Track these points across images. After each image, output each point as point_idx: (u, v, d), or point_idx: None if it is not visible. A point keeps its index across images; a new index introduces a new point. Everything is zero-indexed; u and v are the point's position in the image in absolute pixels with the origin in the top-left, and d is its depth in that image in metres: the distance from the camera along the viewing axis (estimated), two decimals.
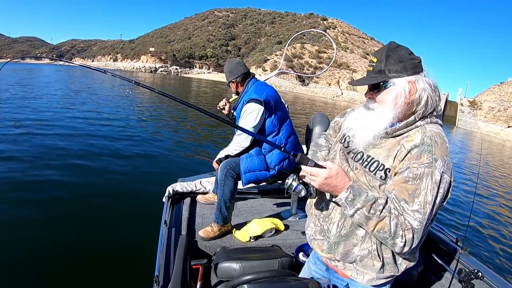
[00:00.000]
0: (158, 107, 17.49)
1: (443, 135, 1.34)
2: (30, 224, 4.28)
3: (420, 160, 1.27)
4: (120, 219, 4.71)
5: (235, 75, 3.10)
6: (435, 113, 1.41)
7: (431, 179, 1.24)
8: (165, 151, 8.65)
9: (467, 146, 25.48)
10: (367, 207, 1.28)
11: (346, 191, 1.32)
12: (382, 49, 1.40)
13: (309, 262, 1.83)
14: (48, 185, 5.58)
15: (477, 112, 56.02)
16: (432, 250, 2.68)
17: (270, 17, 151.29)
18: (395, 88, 1.35)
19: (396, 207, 1.27)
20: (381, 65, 1.37)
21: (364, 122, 1.45)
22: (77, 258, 3.75)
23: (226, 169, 2.90)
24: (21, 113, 11.70)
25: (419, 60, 1.38)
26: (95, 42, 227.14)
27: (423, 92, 1.35)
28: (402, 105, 1.35)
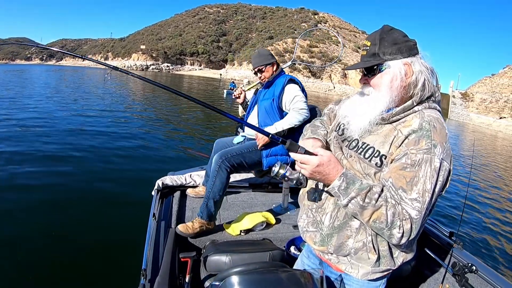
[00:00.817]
0: (148, 102, 17.41)
1: (442, 121, 1.28)
2: (14, 216, 4.25)
3: (419, 146, 1.20)
4: (107, 212, 4.63)
5: (274, 59, 3.20)
6: (433, 98, 1.35)
7: (430, 165, 1.17)
8: (155, 145, 8.58)
9: (460, 138, 25.60)
10: (361, 195, 1.20)
11: (339, 179, 1.23)
12: (375, 33, 1.35)
13: (302, 256, 1.77)
14: (36, 178, 5.52)
15: (469, 104, 56.49)
16: (425, 244, 2.64)
17: (261, 12, 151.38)
18: (391, 70, 1.29)
19: (393, 196, 1.20)
20: (375, 48, 1.31)
21: (359, 108, 1.39)
22: (63, 252, 3.67)
23: (221, 160, 2.83)
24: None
25: (414, 42, 1.33)
26: (85, 41, 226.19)
27: (420, 75, 1.28)
28: (398, 88, 1.29)
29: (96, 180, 5.74)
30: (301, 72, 78.82)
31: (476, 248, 5.26)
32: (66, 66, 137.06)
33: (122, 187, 5.57)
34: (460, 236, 4.94)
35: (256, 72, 3.19)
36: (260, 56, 3.17)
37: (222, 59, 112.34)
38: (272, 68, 3.15)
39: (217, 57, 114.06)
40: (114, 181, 5.79)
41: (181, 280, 2.22)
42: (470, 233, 5.84)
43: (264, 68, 3.14)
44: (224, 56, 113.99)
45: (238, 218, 2.95)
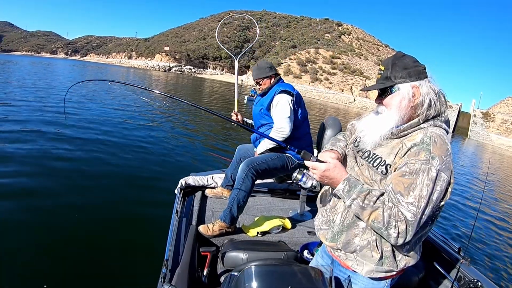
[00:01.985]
0: (173, 108, 17.63)
1: (444, 138, 1.40)
2: (50, 211, 4.44)
3: (418, 157, 1.34)
4: (135, 207, 4.88)
5: (274, 71, 3.36)
6: (441, 118, 1.50)
7: (428, 175, 1.30)
8: (179, 147, 8.79)
9: (477, 158, 25.21)
10: (361, 197, 1.39)
11: (343, 183, 1.46)
12: (389, 58, 1.54)
13: (317, 256, 1.93)
14: (73, 175, 5.77)
15: (489, 124, 55.40)
16: (434, 258, 2.72)
17: (285, 20, 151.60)
18: (400, 92, 1.47)
19: (391, 199, 1.35)
20: (387, 72, 1.50)
21: (373, 125, 1.57)
22: (94, 241, 3.95)
23: (248, 168, 2.97)
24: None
25: (424, 67, 1.50)
26: (110, 39, 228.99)
27: (426, 96, 1.45)
28: (406, 107, 1.46)
29: (126, 177, 6.05)
30: (323, 83, 78.58)
31: (483, 265, 5.27)
32: (90, 62, 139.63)
33: (148, 185, 5.85)
34: (469, 253, 4.97)
35: (257, 83, 3.41)
36: (259, 69, 3.36)
37: (244, 65, 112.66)
38: (270, 80, 3.34)
39: (240, 63, 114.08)
40: (141, 179, 6.07)
41: (199, 273, 2.39)
42: (479, 250, 5.85)
43: (261, 81, 3.35)
44: (246, 62, 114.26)
45: (256, 220, 3.08)
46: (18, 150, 6.54)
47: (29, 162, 6.01)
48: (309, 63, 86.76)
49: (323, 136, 3.30)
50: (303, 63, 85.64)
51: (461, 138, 47.28)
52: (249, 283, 1.53)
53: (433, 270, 2.66)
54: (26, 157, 6.25)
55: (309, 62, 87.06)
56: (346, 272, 1.64)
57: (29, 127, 8.39)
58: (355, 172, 1.59)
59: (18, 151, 6.52)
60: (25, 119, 9.20)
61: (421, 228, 1.42)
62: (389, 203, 1.35)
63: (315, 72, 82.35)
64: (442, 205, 1.41)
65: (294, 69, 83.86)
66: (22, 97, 12.83)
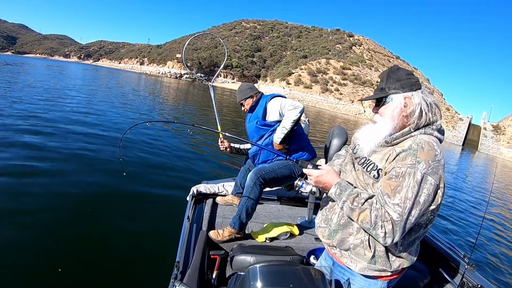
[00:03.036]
0: (183, 112, 17.80)
1: (433, 144, 1.50)
2: (65, 213, 4.59)
3: (405, 161, 1.46)
4: (149, 212, 5.02)
5: (255, 91, 3.59)
6: (432, 126, 1.61)
7: (413, 178, 1.40)
8: (191, 155, 8.89)
9: (486, 171, 25.03)
10: (350, 199, 1.53)
11: (334, 187, 1.64)
12: (385, 71, 1.70)
13: (321, 258, 2.05)
14: (87, 179, 5.92)
15: (500, 137, 54.84)
16: (439, 263, 2.80)
17: (297, 30, 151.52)
18: (393, 102, 1.62)
19: (379, 201, 1.46)
20: (383, 84, 1.67)
21: (369, 133, 1.70)
22: (109, 243, 4.12)
23: (256, 177, 3.09)
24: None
25: (417, 79, 1.65)
26: (123, 44, 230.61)
27: (417, 106, 1.58)
28: (398, 116, 1.60)
29: (140, 184, 6.15)
30: (333, 94, 78.42)
31: (488, 271, 5.30)
32: (102, 66, 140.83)
33: (161, 191, 5.98)
34: (474, 259, 4.99)
35: (241, 105, 3.62)
36: (240, 92, 3.60)
37: (255, 74, 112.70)
38: (252, 99, 3.55)
39: (251, 72, 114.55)
40: (156, 186, 6.19)
41: (209, 275, 2.51)
42: (484, 256, 5.88)
43: (244, 102, 3.58)
44: (257, 72, 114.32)
45: (265, 227, 3.18)
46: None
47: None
48: (319, 73, 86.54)
49: (330, 145, 3.40)
50: (313, 74, 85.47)
51: (471, 151, 46.84)
52: (254, 281, 1.66)
53: (438, 276, 2.73)
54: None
55: (320, 73, 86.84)
56: (345, 273, 1.75)
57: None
58: (352, 177, 1.75)
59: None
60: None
61: (413, 231, 1.54)
62: (377, 204, 1.47)
63: (326, 83, 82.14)
64: (434, 208, 1.49)
65: (304, 79, 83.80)
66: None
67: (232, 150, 3.82)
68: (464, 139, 56.88)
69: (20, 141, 7.36)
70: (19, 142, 7.27)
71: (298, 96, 76.62)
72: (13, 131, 8.16)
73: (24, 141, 7.44)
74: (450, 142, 55.59)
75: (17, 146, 6.99)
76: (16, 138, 7.59)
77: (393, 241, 1.45)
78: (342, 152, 2.11)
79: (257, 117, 3.41)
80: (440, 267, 2.77)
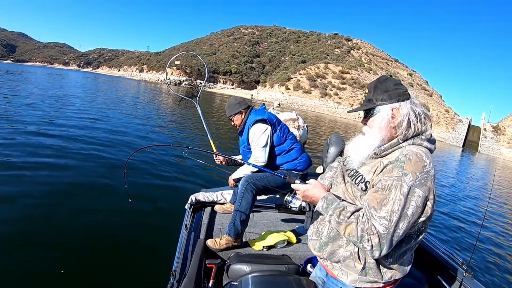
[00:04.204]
0: (184, 120, 17.83)
1: (421, 155, 1.46)
2: (62, 221, 4.57)
3: (391, 173, 1.44)
4: (146, 220, 5.00)
5: (244, 106, 3.47)
6: (421, 137, 1.58)
7: (400, 190, 1.38)
8: (191, 162, 8.86)
9: (486, 173, 24.96)
10: (336, 213, 1.52)
11: (321, 201, 1.63)
12: (373, 82, 1.66)
13: (316, 268, 2.02)
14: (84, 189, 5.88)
15: (500, 138, 54.85)
16: (437, 271, 2.77)
17: (295, 36, 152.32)
18: (380, 114, 1.59)
19: (366, 214, 1.44)
20: (370, 95, 1.63)
21: (359, 145, 1.67)
22: (104, 251, 4.08)
23: (247, 183, 3.07)
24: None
25: (405, 89, 1.62)
26: (122, 52, 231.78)
27: (404, 117, 1.55)
28: (385, 128, 1.58)
29: (139, 191, 6.14)
30: (332, 98, 78.64)
31: (487, 279, 5.26)
32: (102, 74, 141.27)
33: (160, 199, 5.97)
34: (472, 266, 4.97)
35: (230, 120, 3.54)
36: (229, 106, 3.50)
37: (254, 80, 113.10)
38: (241, 116, 3.46)
39: (250, 78, 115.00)
40: (153, 194, 6.18)
41: (205, 284, 2.49)
42: (482, 263, 5.85)
43: (233, 118, 3.49)
44: (256, 77, 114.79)
45: (262, 235, 3.17)
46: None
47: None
48: (318, 78, 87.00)
49: (327, 153, 3.39)
50: (312, 78, 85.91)
51: (471, 153, 46.82)
52: None
53: (436, 284, 2.70)
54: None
55: (319, 77, 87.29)
56: (337, 284, 1.72)
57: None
58: (341, 189, 1.73)
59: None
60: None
61: (404, 242, 1.52)
62: (363, 217, 1.45)
63: (325, 87, 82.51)
64: (425, 220, 1.46)
65: (303, 84, 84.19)
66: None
67: (228, 163, 3.76)
68: (464, 141, 56.94)
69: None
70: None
71: (298, 101, 76.93)
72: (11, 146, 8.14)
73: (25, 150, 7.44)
74: (450, 143, 55.60)
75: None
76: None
77: (381, 254, 1.42)
78: (335, 164, 2.10)
79: (244, 142, 3.42)
80: (438, 275, 2.74)
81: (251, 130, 3.26)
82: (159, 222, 4.96)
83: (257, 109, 3.55)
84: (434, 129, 59.28)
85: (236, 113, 3.45)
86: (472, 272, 2.57)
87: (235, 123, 3.51)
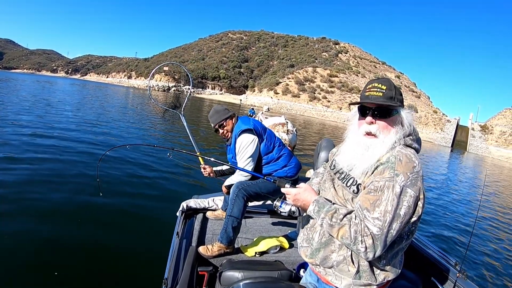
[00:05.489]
0: (177, 128, 17.73)
1: (411, 156, 1.49)
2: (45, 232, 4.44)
3: (383, 175, 1.44)
4: (138, 228, 4.94)
5: (227, 114, 3.35)
6: (411, 137, 1.60)
7: (392, 191, 1.38)
8: (183, 170, 8.79)
9: (476, 172, 25.25)
10: (329, 216, 1.50)
11: (313, 204, 1.60)
12: (386, 80, 1.60)
13: (306, 274, 2.00)
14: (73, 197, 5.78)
15: (488, 137, 55.64)
16: (430, 272, 2.76)
17: (283, 40, 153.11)
18: (400, 116, 1.58)
19: (358, 215, 1.43)
20: (392, 93, 1.55)
21: (367, 150, 1.56)
22: (94, 260, 3.99)
23: (238, 189, 3.05)
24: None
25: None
26: (110, 58, 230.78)
27: (409, 121, 1.58)
28: (400, 131, 1.55)
29: (129, 199, 6.09)
30: (321, 101, 79.01)
31: (480, 279, 5.28)
32: (90, 81, 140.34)
33: (151, 207, 5.90)
34: (465, 266, 4.98)
35: (217, 129, 3.40)
36: (214, 114, 3.37)
37: (243, 85, 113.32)
38: (232, 120, 3.36)
39: (238, 83, 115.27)
40: (145, 201, 6.14)
41: None
42: (475, 263, 5.88)
43: (219, 126, 3.36)
44: (245, 82, 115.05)
45: (254, 241, 3.14)
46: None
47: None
48: (307, 82, 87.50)
49: (318, 158, 3.37)
50: (301, 82, 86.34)
51: (460, 152, 47.27)
52: None
53: (430, 285, 2.70)
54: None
55: (307, 81, 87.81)
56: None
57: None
58: (331, 193, 1.70)
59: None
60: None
61: (396, 243, 1.51)
62: (356, 219, 1.44)
63: (313, 91, 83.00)
64: (416, 220, 1.46)
65: (292, 88, 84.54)
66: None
67: (216, 174, 3.67)
68: (453, 141, 57.59)
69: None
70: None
71: (286, 105, 77.12)
72: None
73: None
74: (439, 144, 56.09)
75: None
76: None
77: (375, 256, 1.41)
78: (320, 170, 2.06)
79: (232, 153, 3.37)
80: (431, 276, 2.73)
81: (237, 140, 3.21)
82: (150, 230, 4.89)
83: (243, 116, 3.49)
84: (423, 130, 59.94)
85: (222, 122, 3.34)
86: (465, 273, 2.57)
87: (225, 129, 3.38)
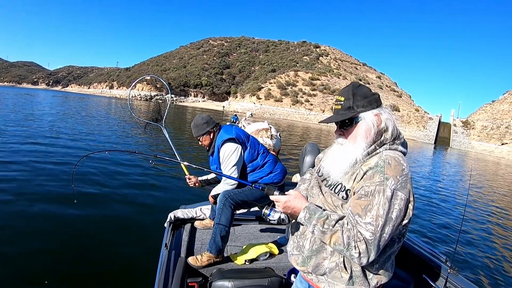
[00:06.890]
0: (162, 139, 17.62)
1: (399, 159, 1.48)
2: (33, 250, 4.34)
3: (373, 179, 1.43)
4: (125, 241, 4.87)
5: (212, 125, 3.33)
6: (397, 141, 1.58)
7: (383, 195, 1.37)
8: (168, 179, 8.70)
9: (460, 167, 25.74)
10: (320, 222, 1.47)
11: (303, 211, 1.56)
12: (347, 89, 1.59)
13: (296, 281, 1.96)
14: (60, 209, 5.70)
15: (470, 132, 56.97)
16: (422, 270, 2.78)
17: (264, 45, 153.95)
18: (365, 121, 1.53)
19: (350, 221, 1.42)
20: (349, 102, 1.55)
21: (339, 157, 1.60)
22: (80, 274, 3.93)
23: (225, 198, 3.03)
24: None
25: (379, 95, 1.61)
26: (91, 69, 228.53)
27: (388, 122, 1.55)
28: (372, 135, 1.53)
29: (114, 211, 6.05)
30: (303, 105, 79.48)
31: (471, 273, 5.36)
32: (72, 92, 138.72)
33: (138, 219, 5.84)
34: (456, 262, 5.03)
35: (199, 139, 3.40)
36: (196, 126, 3.36)
37: (225, 92, 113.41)
38: (209, 136, 3.35)
39: (220, 89, 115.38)
40: (131, 213, 6.09)
41: None
42: (465, 258, 5.98)
43: (201, 138, 3.36)
44: (227, 89, 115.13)
45: (243, 249, 3.13)
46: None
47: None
48: (289, 86, 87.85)
49: (303, 162, 3.35)
50: (283, 87, 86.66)
51: (443, 148, 48.05)
52: None
53: (422, 282, 2.71)
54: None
55: (289, 85, 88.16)
56: None
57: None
58: (320, 200, 1.67)
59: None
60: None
61: (388, 247, 1.51)
62: (348, 225, 1.42)
63: (296, 95, 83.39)
64: (406, 223, 1.46)
65: (274, 93, 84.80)
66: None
67: (202, 184, 3.63)
68: (436, 137, 58.73)
69: None
70: None
71: (269, 110, 77.36)
72: None
73: None
74: (422, 141, 57.05)
75: None
76: None
77: (369, 261, 1.40)
78: (307, 176, 2.03)
79: (216, 163, 3.34)
80: (423, 274, 2.75)
81: (221, 150, 3.18)
82: (137, 243, 4.83)
83: (226, 125, 3.46)
84: (406, 128, 60.88)
85: (204, 134, 3.32)
86: (456, 268, 2.59)
87: (203, 144, 3.39)
